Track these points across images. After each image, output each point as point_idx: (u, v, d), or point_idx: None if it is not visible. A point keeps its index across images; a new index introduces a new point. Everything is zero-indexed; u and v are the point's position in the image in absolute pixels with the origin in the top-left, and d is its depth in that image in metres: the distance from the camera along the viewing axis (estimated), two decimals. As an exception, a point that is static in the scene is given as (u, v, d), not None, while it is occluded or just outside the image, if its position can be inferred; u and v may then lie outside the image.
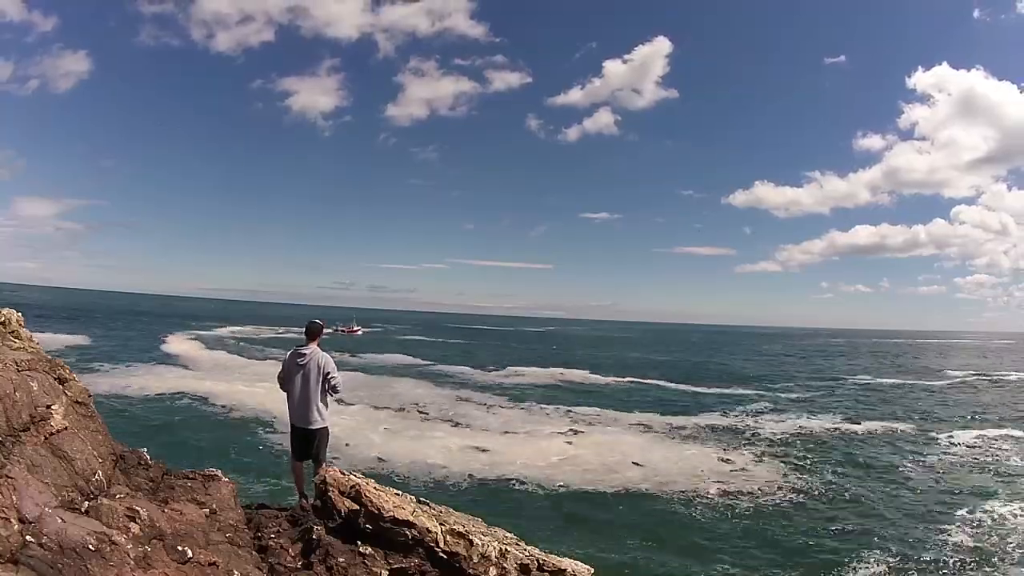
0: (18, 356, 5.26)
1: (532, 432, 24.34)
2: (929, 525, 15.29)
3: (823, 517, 15.85)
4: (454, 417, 26.89)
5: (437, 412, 27.90)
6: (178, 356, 45.92)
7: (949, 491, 18.30)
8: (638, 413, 29.83)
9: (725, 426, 27.51)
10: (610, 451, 21.23)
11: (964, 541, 14.23)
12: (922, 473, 20.47)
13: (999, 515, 15.98)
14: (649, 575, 12.52)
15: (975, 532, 14.83)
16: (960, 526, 15.21)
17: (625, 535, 14.27)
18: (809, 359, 79.24)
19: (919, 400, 39.08)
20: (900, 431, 27.42)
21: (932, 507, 16.76)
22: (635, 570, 12.54)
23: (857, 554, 13.41)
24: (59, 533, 3.77)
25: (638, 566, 12.72)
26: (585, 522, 14.95)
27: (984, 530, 14.98)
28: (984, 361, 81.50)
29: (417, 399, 30.98)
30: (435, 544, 5.29)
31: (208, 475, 5.82)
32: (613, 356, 73.95)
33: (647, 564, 12.85)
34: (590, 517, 15.33)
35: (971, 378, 54.67)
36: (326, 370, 6.74)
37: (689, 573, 12.65)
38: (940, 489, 18.52)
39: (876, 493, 18.02)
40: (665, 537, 14.23)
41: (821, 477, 19.43)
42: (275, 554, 5.19)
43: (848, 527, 15.14)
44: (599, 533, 14.33)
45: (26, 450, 4.32)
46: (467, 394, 34.36)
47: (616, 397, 36.18)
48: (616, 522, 15.09)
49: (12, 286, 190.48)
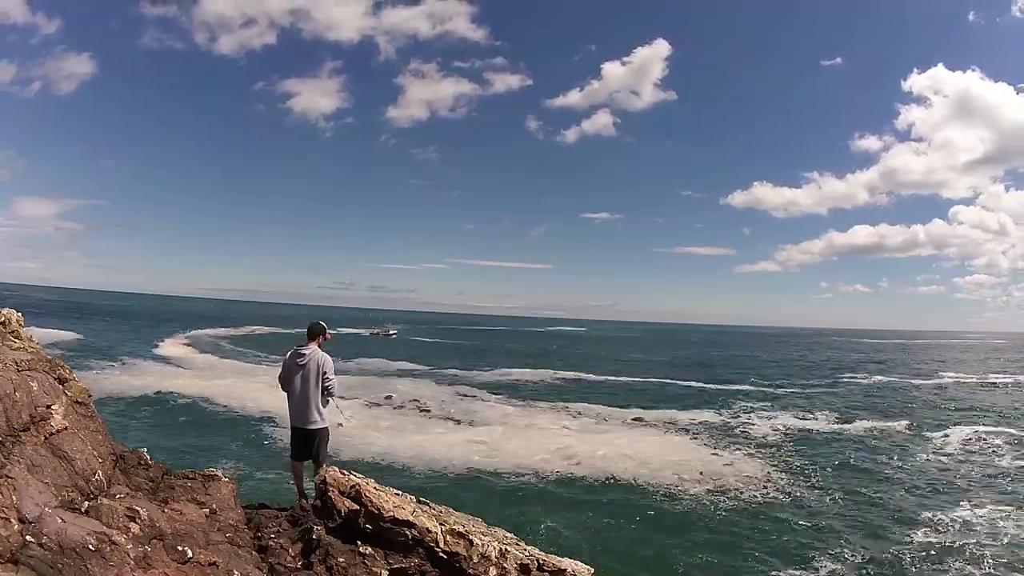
0: (18, 356, 5.26)
1: (531, 432, 24.34)
2: (908, 525, 15.38)
3: (822, 518, 15.87)
4: (454, 416, 26.90)
5: (436, 411, 27.91)
6: (177, 356, 45.89)
7: (936, 490, 18.36)
8: (637, 410, 29.86)
9: (724, 426, 27.52)
10: (609, 451, 21.23)
11: (944, 540, 14.30)
12: (911, 473, 20.51)
13: (979, 515, 16.07)
14: (649, 575, 12.55)
15: (956, 532, 14.90)
16: (942, 526, 15.29)
17: (625, 535, 14.30)
18: (807, 359, 79.27)
19: (917, 400, 39.11)
20: (894, 430, 27.46)
21: (915, 507, 16.82)
22: (635, 570, 12.56)
23: (843, 552, 13.53)
24: (59, 533, 3.78)
25: (638, 566, 12.73)
26: (585, 522, 14.96)
27: (958, 530, 15.05)
28: (981, 361, 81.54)
29: (417, 398, 30.98)
30: (435, 544, 5.30)
31: (208, 475, 5.83)
32: (613, 356, 73.97)
33: (647, 564, 12.88)
34: (590, 516, 15.34)
35: (968, 379, 54.71)
36: (323, 371, 6.74)
37: (689, 572, 12.68)
38: (928, 489, 18.52)
39: (865, 492, 18.08)
40: (664, 537, 14.26)
41: (820, 477, 19.47)
42: (275, 554, 5.20)
43: (843, 527, 15.19)
44: (599, 532, 14.35)
45: (26, 450, 4.32)
46: (467, 392, 34.36)
47: (615, 396, 36.17)
48: (616, 522, 15.10)
49: (13, 286, 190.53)
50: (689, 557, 13.26)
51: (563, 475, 18.48)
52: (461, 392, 34.37)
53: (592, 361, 62.80)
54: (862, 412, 32.72)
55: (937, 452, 23.57)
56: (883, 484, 19.08)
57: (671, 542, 14.01)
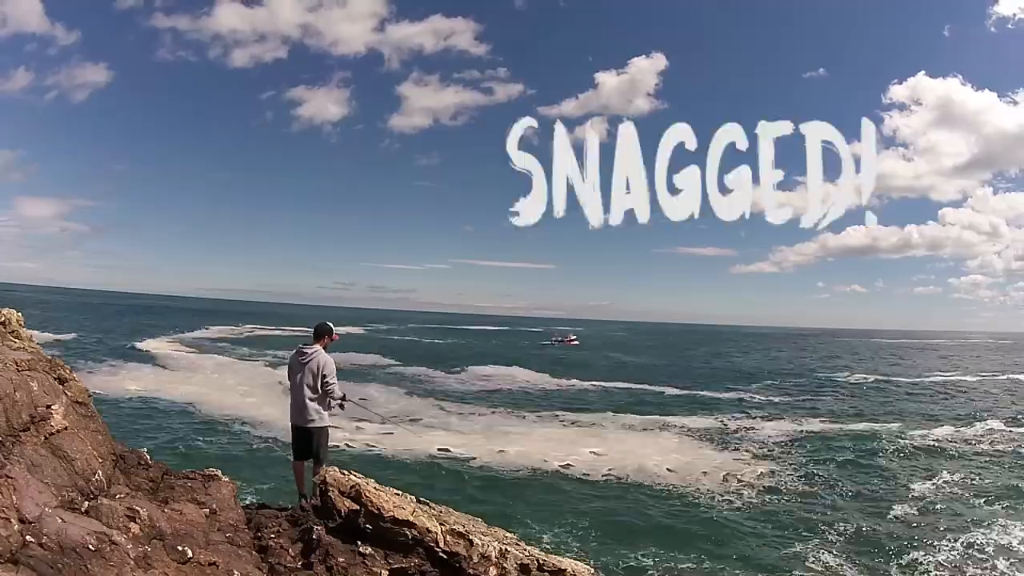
0: (18, 356, 5.25)
1: (530, 431, 24.37)
2: (908, 525, 15.53)
3: (822, 518, 15.90)
4: (454, 415, 26.91)
5: (436, 410, 27.92)
6: (176, 356, 45.86)
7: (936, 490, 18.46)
8: (637, 411, 29.83)
9: (723, 427, 27.51)
10: (608, 452, 21.26)
11: (943, 540, 14.39)
12: (911, 472, 20.61)
13: (978, 513, 16.20)
14: (648, 575, 12.56)
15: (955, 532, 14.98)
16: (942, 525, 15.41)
17: (624, 535, 14.31)
18: (806, 358, 79.30)
19: (914, 400, 39.12)
20: (887, 429, 27.48)
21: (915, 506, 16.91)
22: (635, 570, 12.57)
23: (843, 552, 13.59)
24: (59, 533, 3.77)
25: (638, 566, 12.74)
26: (585, 522, 14.97)
27: (958, 529, 15.13)
28: (979, 361, 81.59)
29: (417, 397, 30.99)
30: (435, 544, 5.29)
31: (208, 475, 5.83)
32: (613, 355, 73.99)
33: (647, 564, 12.88)
34: (589, 516, 15.35)
35: (965, 379, 54.77)
36: (323, 372, 6.72)
37: (688, 572, 12.68)
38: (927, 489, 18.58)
39: (865, 492, 18.20)
40: (664, 537, 14.27)
41: (819, 477, 19.50)
42: (275, 554, 5.19)
43: (843, 527, 15.21)
44: (599, 533, 14.36)
45: (26, 450, 4.32)
46: (466, 392, 34.37)
47: (613, 397, 36.18)
48: (615, 521, 15.12)
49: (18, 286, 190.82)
50: (689, 557, 13.28)
51: (562, 475, 18.49)
52: (461, 393, 34.37)
53: (592, 360, 62.84)
54: (861, 412, 32.74)
55: (937, 452, 23.59)
56: (883, 484, 19.09)
57: (670, 542, 14.02)
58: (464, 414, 27.68)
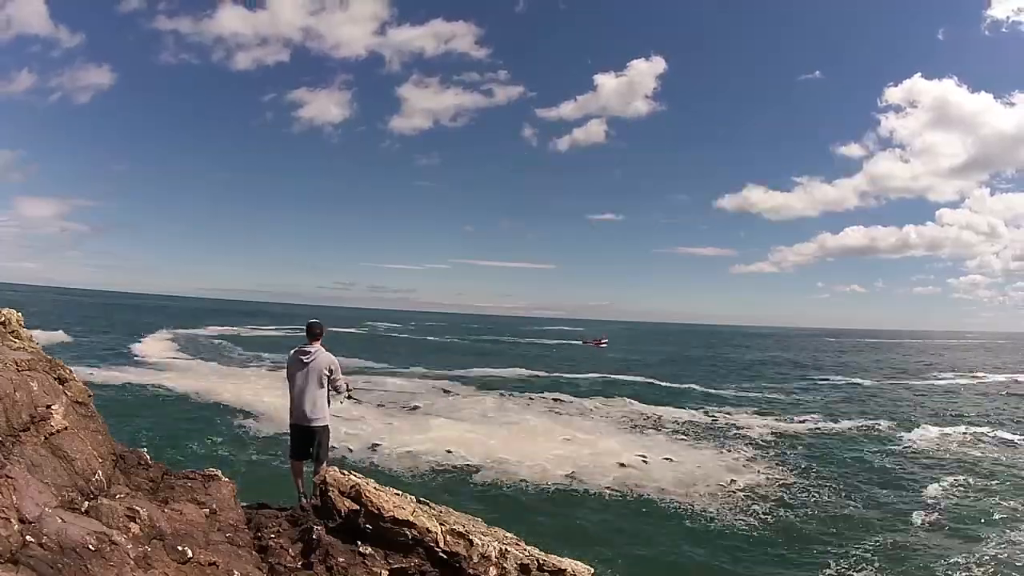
0: (18, 356, 5.25)
1: (529, 431, 24.34)
2: (907, 523, 15.56)
3: (821, 518, 15.90)
4: (453, 415, 26.87)
5: (436, 411, 27.88)
6: (175, 356, 45.84)
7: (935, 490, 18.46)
8: (635, 410, 29.87)
9: (723, 427, 27.51)
10: (606, 452, 21.25)
11: (943, 538, 14.49)
12: (910, 472, 20.61)
13: (974, 510, 16.31)
14: (648, 575, 12.55)
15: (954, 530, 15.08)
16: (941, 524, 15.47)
17: (623, 535, 14.29)
18: (804, 359, 79.27)
19: (916, 400, 39.12)
20: (885, 429, 27.51)
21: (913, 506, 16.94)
22: (635, 570, 12.56)
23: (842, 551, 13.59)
24: (59, 533, 3.77)
25: (638, 566, 12.74)
26: (583, 522, 14.97)
27: (957, 528, 15.23)
28: (977, 361, 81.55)
29: (416, 397, 30.96)
30: (435, 544, 5.29)
31: (208, 475, 5.83)
32: (612, 355, 73.96)
33: (646, 564, 12.88)
34: (588, 516, 15.35)
35: (962, 378, 54.76)
36: (330, 369, 6.75)
37: (688, 571, 12.68)
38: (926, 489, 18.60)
39: (864, 492, 18.20)
40: (663, 536, 14.28)
41: (818, 477, 19.51)
42: (275, 554, 5.19)
43: (843, 527, 15.27)
44: (598, 532, 14.34)
45: (26, 450, 4.32)
46: (466, 392, 34.34)
47: (611, 398, 36.14)
48: (615, 521, 15.11)
49: (18, 286, 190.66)
50: (688, 556, 13.28)
51: (562, 476, 18.45)
52: (460, 393, 34.34)
53: (592, 360, 62.81)
54: (859, 412, 32.72)
55: (939, 451, 23.61)
56: (882, 484, 19.10)
57: (670, 542, 14.02)
58: (464, 414, 27.67)
